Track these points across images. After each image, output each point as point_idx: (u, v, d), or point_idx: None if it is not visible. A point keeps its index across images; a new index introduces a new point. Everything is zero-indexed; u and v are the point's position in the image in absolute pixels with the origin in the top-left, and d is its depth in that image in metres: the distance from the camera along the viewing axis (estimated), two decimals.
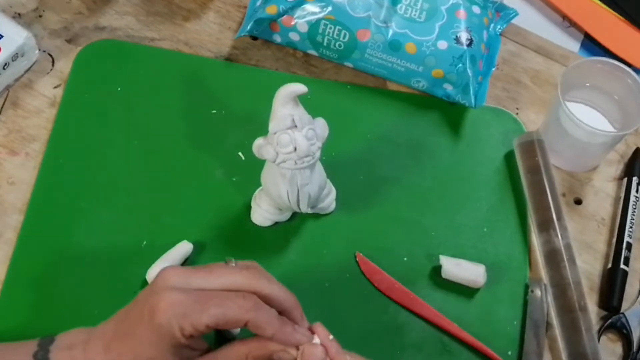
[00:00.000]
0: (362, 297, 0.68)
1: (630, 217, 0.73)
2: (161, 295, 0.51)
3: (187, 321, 0.50)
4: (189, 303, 0.51)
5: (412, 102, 0.78)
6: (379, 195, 0.72)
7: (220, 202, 0.70)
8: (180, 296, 0.51)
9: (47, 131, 0.72)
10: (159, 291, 0.52)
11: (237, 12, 0.81)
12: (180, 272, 0.53)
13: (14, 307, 0.63)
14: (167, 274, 0.53)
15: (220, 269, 0.54)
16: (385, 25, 0.74)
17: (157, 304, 0.51)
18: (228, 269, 0.54)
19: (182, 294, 0.51)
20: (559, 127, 0.72)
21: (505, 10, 0.81)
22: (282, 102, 0.58)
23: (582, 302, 0.67)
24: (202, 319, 0.51)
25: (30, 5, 0.78)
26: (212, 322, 0.51)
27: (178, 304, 0.51)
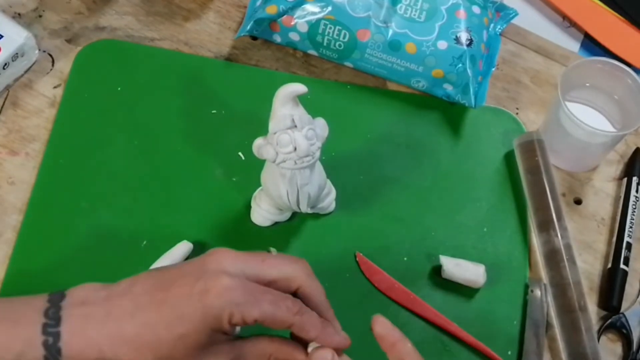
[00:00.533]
0: (362, 297, 0.68)
1: (630, 217, 0.73)
2: (217, 279, 0.50)
3: (239, 310, 0.50)
4: (244, 293, 0.50)
5: (412, 102, 0.78)
6: (379, 195, 0.72)
7: (220, 202, 0.70)
8: (236, 284, 0.50)
9: (47, 131, 0.72)
10: (214, 273, 0.51)
11: (237, 12, 0.81)
12: (234, 256, 0.52)
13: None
14: (220, 256, 0.52)
15: (272, 259, 0.54)
16: (385, 25, 0.74)
17: (212, 287, 0.50)
18: (280, 260, 0.54)
19: (238, 282, 0.50)
20: (559, 127, 0.72)
21: (505, 10, 0.81)
22: (282, 102, 0.58)
23: (582, 302, 0.67)
24: (253, 313, 0.50)
25: (30, 5, 0.78)
26: (262, 318, 0.50)
27: (234, 292, 0.50)
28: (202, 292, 0.50)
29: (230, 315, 0.50)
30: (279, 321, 0.51)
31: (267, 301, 0.51)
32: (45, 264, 0.65)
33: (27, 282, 0.65)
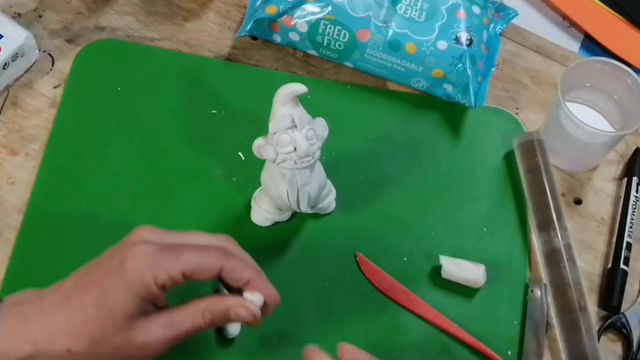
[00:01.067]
0: (362, 297, 0.68)
1: (630, 217, 0.73)
2: (135, 247, 0.52)
3: (161, 268, 0.51)
4: (163, 252, 0.52)
5: (412, 102, 0.78)
6: (379, 195, 0.72)
7: (220, 202, 0.70)
8: (154, 247, 0.52)
9: (47, 131, 0.72)
10: (132, 244, 0.52)
11: (237, 12, 0.81)
12: (155, 229, 0.54)
13: None
14: (141, 230, 0.53)
15: (194, 232, 0.55)
16: (385, 25, 0.74)
17: (130, 254, 0.51)
18: (202, 233, 0.55)
19: (155, 245, 0.52)
20: (559, 127, 0.72)
21: (505, 10, 0.81)
22: (282, 102, 0.58)
23: (582, 302, 0.67)
24: (177, 266, 0.51)
25: (30, 5, 0.78)
26: (187, 268, 0.51)
27: (153, 253, 0.51)
28: (121, 263, 0.51)
29: (154, 277, 0.50)
30: (207, 267, 0.52)
31: (188, 252, 0.52)
32: (45, 264, 0.65)
33: (27, 282, 0.64)
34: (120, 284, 0.51)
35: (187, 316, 0.53)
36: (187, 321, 0.53)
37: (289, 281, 0.67)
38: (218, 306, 0.54)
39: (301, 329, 0.65)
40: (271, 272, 0.67)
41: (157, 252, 0.52)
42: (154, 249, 0.52)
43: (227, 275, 0.54)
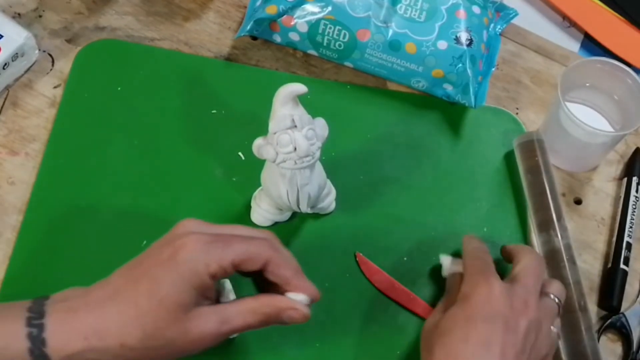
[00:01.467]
0: (362, 297, 0.68)
1: (630, 217, 0.73)
2: (185, 238, 0.52)
3: (213, 258, 0.51)
4: (214, 242, 0.52)
5: (412, 102, 0.78)
6: (379, 195, 0.72)
7: (220, 202, 0.70)
8: (204, 236, 0.52)
9: (47, 131, 0.72)
10: (181, 236, 0.52)
11: (237, 12, 0.81)
12: (199, 221, 0.54)
13: None
14: (186, 222, 0.54)
15: (237, 226, 0.55)
16: (385, 25, 0.74)
17: (181, 244, 0.51)
18: (245, 227, 0.55)
19: (206, 235, 0.52)
20: (559, 127, 0.72)
21: (505, 10, 0.81)
22: (282, 102, 0.58)
23: (582, 302, 0.67)
24: (228, 255, 0.51)
25: (30, 5, 0.78)
26: (237, 258, 0.52)
27: (203, 243, 0.51)
28: (172, 254, 0.51)
29: (206, 266, 0.51)
30: (256, 258, 0.53)
31: (237, 242, 0.53)
32: (45, 264, 0.65)
33: (27, 282, 0.65)
34: (173, 275, 0.50)
35: (240, 314, 0.53)
36: (239, 319, 0.53)
37: None
38: (271, 307, 0.54)
39: (301, 329, 0.65)
40: None
41: (207, 241, 0.52)
42: (204, 239, 0.52)
43: (272, 268, 0.54)
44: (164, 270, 0.51)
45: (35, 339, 0.49)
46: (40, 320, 0.50)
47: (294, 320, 0.54)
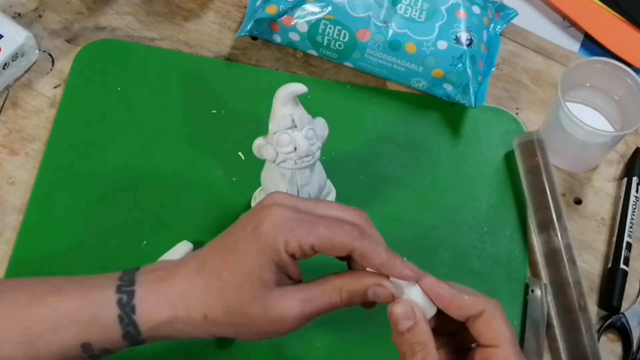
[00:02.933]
0: None
1: (630, 217, 0.73)
2: (270, 210, 0.50)
3: (294, 236, 0.49)
4: (299, 219, 0.49)
5: (412, 102, 0.78)
6: (379, 195, 0.72)
7: (220, 202, 0.70)
8: (290, 212, 0.50)
9: (47, 131, 0.72)
10: (267, 206, 0.50)
11: (237, 12, 0.81)
12: (289, 196, 0.52)
13: None
14: (275, 195, 0.51)
15: (328, 203, 0.53)
16: (385, 25, 0.74)
17: (265, 217, 0.49)
18: (336, 205, 0.53)
19: (292, 211, 0.50)
20: (559, 127, 0.72)
21: (505, 10, 0.81)
22: (282, 102, 0.58)
23: (582, 302, 0.67)
24: (310, 238, 0.49)
25: (30, 5, 0.78)
26: (318, 243, 0.49)
27: (287, 218, 0.49)
28: (256, 226, 0.49)
29: (285, 243, 0.49)
30: (339, 246, 0.50)
31: (323, 225, 0.50)
32: (45, 264, 0.65)
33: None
34: (255, 248, 0.49)
35: (325, 292, 0.51)
36: (324, 298, 0.51)
37: None
38: (357, 285, 0.51)
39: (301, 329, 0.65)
40: None
41: (291, 218, 0.50)
42: (289, 215, 0.50)
43: (357, 257, 0.51)
44: (247, 243, 0.49)
45: (124, 306, 0.49)
46: (131, 287, 0.50)
47: (380, 297, 0.51)
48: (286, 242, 0.49)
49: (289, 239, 0.49)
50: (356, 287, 0.51)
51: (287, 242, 0.49)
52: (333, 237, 0.50)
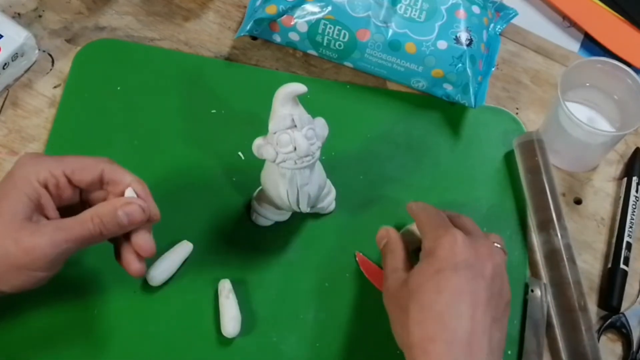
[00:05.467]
0: (362, 297, 0.68)
1: (630, 217, 0.73)
2: (18, 160, 0.56)
3: (44, 167, 0.55)
4: (46, 157, 0.57)
5: (412, 102, 0.78)
6: (379, 195, 0.72)
7: (220, 202, 0.70)
8: (37, 154, 0.57)
9: (47, 131, 0.72)
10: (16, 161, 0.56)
11: (237, 12, 0.81)
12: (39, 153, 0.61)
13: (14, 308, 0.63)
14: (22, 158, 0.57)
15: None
16: (385, 25, 0.74)
17: (16, 163, 0.56)
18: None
19: (39, 154, 0.58)
20: (559, 127, 0.72)
21: (505, 10, 0.81)
22: (282, 101, 0.58)
23: (582, 302, 0.67)
24: (59, 165, 0.56)
25: (30, 5, 0.78)
26: (69, 167, 0.56)
27: (35, 157, 0.56)
28: (9, 173, 0.56)
29: (36, 174, 0.55)
30: (89, 167, 0.56)
31: (71, 156, 0.57)
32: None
33: None
34: (9, 189, 0.54)
35: (76, 221, 0.55)
36: (76, 225, 0.55)
37: (289, 281, 0.67)
38: (105, 208, 0.55)
39: (301, 329, 0.65)
40: (271, 273, 0.68)
41: (39, 156, 0.57)
42: (36, 155, 0.57)
43: (109, 176, 0.57)
44: (3, 189, 0.55)
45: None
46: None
47: (131, 215, 0.56)
48: (37, 172, 0.55)
49: (39, 170, 0.55)
50: (106, 210, 0.55)
51: (38, 173, 0.55)
52: (81, 160, 0.57)
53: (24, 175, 0.55)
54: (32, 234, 0.53)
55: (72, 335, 0.63)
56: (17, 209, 0.53)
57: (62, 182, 0.56)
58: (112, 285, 0.65)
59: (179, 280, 0.66)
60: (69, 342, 0.62)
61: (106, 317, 0.64)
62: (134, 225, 0.57)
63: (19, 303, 0.63)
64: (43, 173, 0.55)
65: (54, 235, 0.54)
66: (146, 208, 0.56)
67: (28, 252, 0.53)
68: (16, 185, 0.54)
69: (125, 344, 0.63)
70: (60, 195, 0.57)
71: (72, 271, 0.65)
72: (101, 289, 0.65)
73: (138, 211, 0.56)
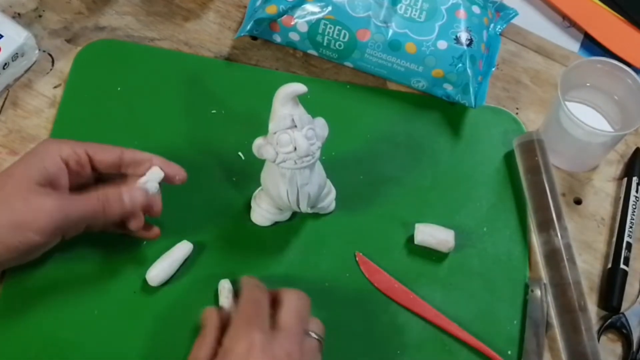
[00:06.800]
0: (362, 297, 0.68)
1: (630, 217, 0.73)
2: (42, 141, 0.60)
3: (67, 145, 0.59)
4: (69, 140, 0.61)
5: (412, 102, 0.78)
6: (379, 195, 0.72)
7: (220, 202, 0.70)
8: (60, 139, 0.61)
9: (47, 131, 0.72)
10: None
11: (237, 12, 0.81)
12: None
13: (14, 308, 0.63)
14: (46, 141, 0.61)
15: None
16: (385, 25, 0.74)
17: (40, 143, 0.60)
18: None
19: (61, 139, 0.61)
20: (559, 127, 0.72)
21: (505, 10, 0.81)
22: (282, 101, 0.58)
23: (582, 302, 0.67)
24: (81, 145, 0.60)
25: (30, 5, 0.78)
26: (91, 148, 0.60)
27: (58, 139, 0.60)
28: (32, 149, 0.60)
29: (59, 150, 0.59)
30: (109, 149, 0.61)
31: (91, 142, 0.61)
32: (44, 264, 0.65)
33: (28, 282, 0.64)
34: (29, 158, 0.59)
35: (83, 196, 0.59)
36: (82, 199, 0.59)
37: (289, 281, 0.67)
38: (113, 189, 0.60)
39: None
40: (271, 272, 0.68)
41: (63, 139, 0.61)
42: (59, 139, 0.61)
43: (129, 157, 0.61)
44: (23, 157, 0.59)
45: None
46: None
47: (135, 201, 0.60)
48: (60, 148, 0.59)
49: (62, 147, 0.59)
50: (112, 191, 0.60)
51: (61, 149, 0.59)
52: (103, 144, 0.62)
53: (47, 150, 0.59)
54: (41, 196, 0.57)
55: (72, 336, 0.63)
56: (31, 173, 0.57)
57: (83, 158, 0.60)
58: (112, 285, 0.65)
59: (179, 280, 0.66)
60: (69, 342, 0.62)
61: (106, 317, 0.64)
62: (135, 209, 0.61)
63: (19, 303, 0.63)
64: (66, 150, 0.59)
65: (61, 201, 0.57)
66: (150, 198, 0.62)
67: (34, 210, 0.56)
68: (38, 155, 0.58)
69: (125, 344, 0.63)
70: (79, 172, 0.60)
71: (72, 271, 0.65)
72: (101, 289, 0.65)
73: (141, 196, 0.61)
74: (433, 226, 0.69)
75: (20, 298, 0.64)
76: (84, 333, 0.63)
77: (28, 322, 0.63)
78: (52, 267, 0.65)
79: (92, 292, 0.65)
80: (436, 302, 0.68)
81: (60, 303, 0.64)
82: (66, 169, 0.59)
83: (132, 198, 0.61)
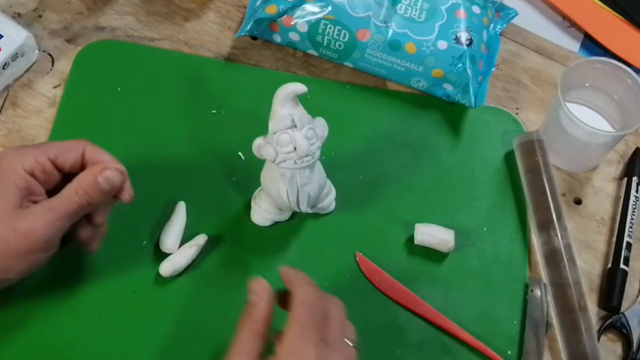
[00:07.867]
0: (362, 297, 0.68)
1: (630, 217, 0.73)
2: (2, 153, 0.58)
3: (29, 156, 0.57)
4: (28, 146, 0.59)
5: (412, 102, 0.78)
6: (379, 195, 0.72)
7: (220, 202, 0.70)
8: (17, 147, 0.59)
9: (47, 131, 0.72)
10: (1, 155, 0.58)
11: (237, 12, 0.81)
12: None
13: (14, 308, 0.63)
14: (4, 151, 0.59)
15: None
16: (385, 25, 0.74)
17: (1, 159, 0.57)
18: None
19: (19, 147, 0.59)
20: (559, 127, 0.72)
21: (505, 10, 0.81)
22: (282, 101, 0.58)
23: (582, 302, 0.67)
24: (42, 152, 0.58)
25: (30, 5, 0.78)
26: (53, 152, 0.58)
27: (18, 149, 0.58)
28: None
29: (22, 163, 0.57)
30: (71, 149, 0.59)
31: (51, 143, 0.60)
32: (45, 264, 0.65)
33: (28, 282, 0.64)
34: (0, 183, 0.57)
35: (62, 198, 0.57)
36: (63, 202, 0.57)
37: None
38: (86, 179, 0.58)
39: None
40: (271, 272, 0.68)
41: (22, 147, 0.59)
42: (18, 147, 0.59)
43: (90, 156, 0.59)
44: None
45: None
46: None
47: (111, 180, 0.58)
48: (22, 162, 0.57)
49: (24, 159, 0.57)
50: (87, 180, 0.58)
51: (24, 162, 0.57)
52: (63, 143, 0.59)
53: (10, 167, 0.57)
54: (26, 219, 0.55)
55: (72, 336, 0.63)
56: (8, 198, 0.56)
57: (47, 166, 0.58)
58: (113, 285, 0.65)
59: (179, 280, 0.66)
60: (69, 343, 0.62)
61: (106, 317, 0.64)
62: (115, 188, 0.59)
63: (19, 303, 0.63)
64: (29, 161, 0.57)
65: (46, 215, 0.56)
66: (123, 170, 0.59)
67: (26, 236, 0.55)
68: (4, 176, 0.57)
69: (125, 344, 0.63)
70: (48, 179, 0.59)
71: (72, 271, 0.65)
72: (101, 289, 0.65)
73: (116, 174, 0.59)
74: (433, 226, 0.69)
75: (19, 296, 0.64)
76: (84, 333, 0.63)
77: (27, 322, 0.63)
78: (52, 267, 0.65)
79: (92, 292, 0.65)
80: (436, 302, 0.68)
81: (60, 303, 0.64)
82: (34, 179, 0.58)
83: (107, 179, 0.58)
